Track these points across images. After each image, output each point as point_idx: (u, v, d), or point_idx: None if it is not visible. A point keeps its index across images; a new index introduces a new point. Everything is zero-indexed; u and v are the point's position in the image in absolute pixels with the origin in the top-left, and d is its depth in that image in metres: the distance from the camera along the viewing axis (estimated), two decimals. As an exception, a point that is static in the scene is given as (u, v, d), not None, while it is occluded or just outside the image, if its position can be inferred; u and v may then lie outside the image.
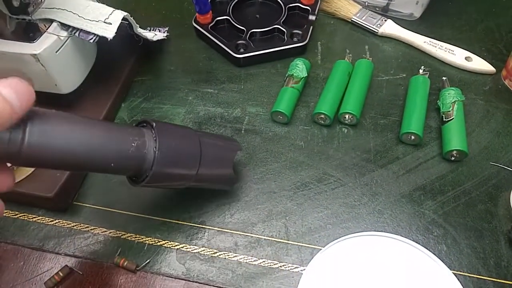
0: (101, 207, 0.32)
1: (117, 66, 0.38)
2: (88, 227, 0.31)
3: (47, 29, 0.31)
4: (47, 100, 0.35)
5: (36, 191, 0.30)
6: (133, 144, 0.21)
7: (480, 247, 0.29)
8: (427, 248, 0.28)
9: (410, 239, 0.29)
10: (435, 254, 0.28)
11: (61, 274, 0.28)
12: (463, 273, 0.28)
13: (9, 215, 0.32)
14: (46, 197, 0.30)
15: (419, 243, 0.28)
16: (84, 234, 0.31)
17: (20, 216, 0.32)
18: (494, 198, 0.31)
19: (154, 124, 0.23)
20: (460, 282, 0.26)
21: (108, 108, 0.36)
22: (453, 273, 0.27)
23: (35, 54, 0.29)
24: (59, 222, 0.31)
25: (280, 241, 0.30)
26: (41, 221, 0.31)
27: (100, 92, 0.36)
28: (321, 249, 0.29)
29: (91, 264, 0.29)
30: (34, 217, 0.32)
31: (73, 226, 0.31)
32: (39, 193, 0.30)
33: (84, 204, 0.32)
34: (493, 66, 0.39)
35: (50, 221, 0.31)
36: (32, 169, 0.31)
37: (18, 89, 0.16)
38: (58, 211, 0.32)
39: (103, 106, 0.36)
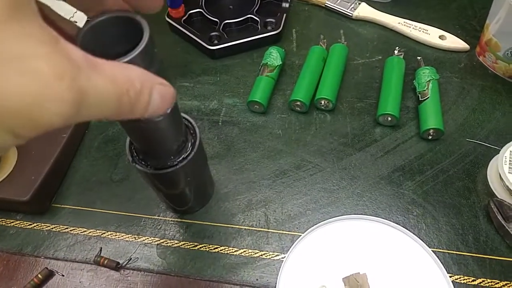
0: (80, 207, 0.31)
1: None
2: (67, 228, 0.30)
3: None
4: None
5: (11, 196, 0.29)
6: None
7: (459, 224, 0.28)
8: (407, 228, 0.27)
9: (391, 221, 0.28)
10: (415, 234, 0.27)
11: (40, 276, 0.27)
12: (443, 250, 0.27)
13: (-14, 221, 0.30)
14: (21, 201, 0.28)
15: (399, 224, 0.28)
16: (63, 235, 0.29)
17: (-3, 222, 0.30)
18: (471, 175, 0.30)
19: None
20: (440, 259, 0.25)
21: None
22: (433, 250, 0.26)
23: None
24: (37, 225, 0.30)
25: (261, 230, 0.29)
26: (19, 225, 0.30)
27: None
28: (301, 236, 0.28)
29: (72, 265, 0.28)
30: (12, 222, 0.30)
31: (52, 228, 0.30)
32: (14, 197, 0.28)
33: (63, 206, 0.31)
34: (467, 43, 0.37)
35: (29, 225, 0.30)
36: (6, 174, 0.30)
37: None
38: (36, 214, 0.30)
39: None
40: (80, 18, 0.20)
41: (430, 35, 0.38)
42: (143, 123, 0.19)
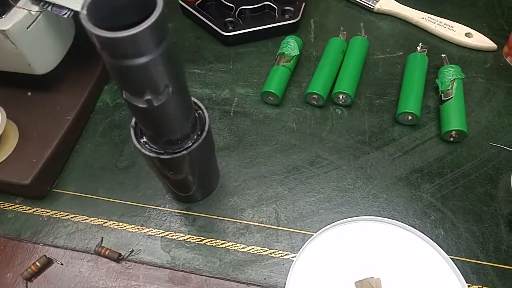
0: (82, 194, 0.29)
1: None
2: (68, 215, 0.28)
3: (16, 4, 0.27)
4: (22, 81, 0.31)
5: (11, 178, 0.27)
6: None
7: (479, 231, 0.26)
8: (424, 233, 0.25)
9: (407, 224, 0.26)
10: (432, 239, 0.25)
11: (38, 264, 0.25)
12: (461, 258, 0.25)
13: (-16, 203, 0.29)
14: (22, 184, 0.26)
15: (416, 228, 0.26)
16: (64, 222, 0.28)
17: (-4, 205, 0.29)
18: (494, 180, 0.28)
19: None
20: (458, 268, 0.24)
21: (89, 90, 0.32)
22: (451, 258, 0.24)
23: (4, 30, 0.25)
24: (37, 210, 0.28)
25: (270, 227, 0.27)
26: (18, 210, 0.28)
27: (81, 73, 0.33)
28: (313, 235, 0.26)
29: (72, 254, 0.27)
30: (11, 205, 0.28)
31: (52, 214, 0.28)
32: (14, 180, 0.27)
33: (64, 191, 0.29)
34: (494, 43, 0.35)
35: (28, 209, 0.28)
36: (7, 155, 0.28)
37: None
38: (36, 199, 0.29)
39: (84, 88, 0.32)
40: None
41: (456, 32, 0.36)
42: (151, 105, 0.17)
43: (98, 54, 0.16)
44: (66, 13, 0.26)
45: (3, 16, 0.26)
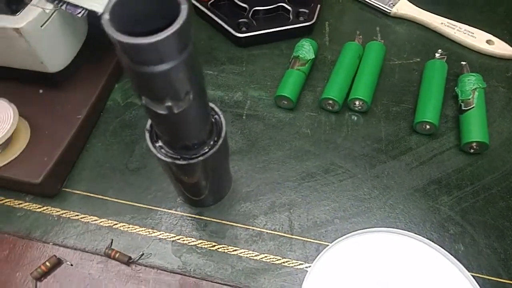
0: (92, 194, 0.28)
1: (110, 45, 0.33)
2: (78, 215, 0.28)
3: (30, 1, 0.26)
4: (34, 79, 0.31)
5: (22, 177, 0.26)
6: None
7: (501, 248, 0.25)
8: (442, 247, 0.24)
9: (424, 237, 0.25)
10: (451, 254, 0.24)
11: (48, 264, 0.25)
12: (482, 275, 0.24)
13: (-7, 201, 0.28)
14: (33, 182, 0.26)
15: (433, 242, 0.25)
16: (73, 222, 0.27)
17: (5, 202, 0.28)
18: (515, 194, 0.27)
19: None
20: (480, 285, 0.23)
21: (100, 88, 0.31)
22: (471, 274, 0.23)
23: (18, 28, 0.25)
24: (47, 209, 0.28)
25: (284, 235, 0.26)
26: (28, 208, 0.28)
27: (92, 72, 0.32)
28: (328, 245, 0.25)
29: (81, 255, 0.26)
30: (21, 203, 0.28)
31: (62, 214, 0.28)
32: (25, 179, 0.26)
33: (74, 191, 0.29)
34: (517, 51, 0.34)
35: (38, 208, 0.28)
36: (18, 152, 0.27)
37: None
38: (46, 198, 0.28)
39: (95, 86, 0.31)
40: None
41: (477, 38, 0.35)
42: (172, 112, 0.16)
43: (109, 52, 0.15)
44: (80, 12, 0.26)
45: (17, 14, 0.25)
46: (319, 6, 0.36)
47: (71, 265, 0.26)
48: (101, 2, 0.26)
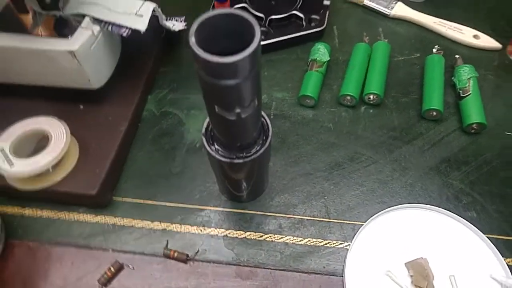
0: (141, 201, 0.30)
1: (141, 59, 0.34)
2: (131, 221, 0.29)
3: (80, 25, 0.27)
4: (74, 96, 0.32)
5: (78, 190, 0.27)
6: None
7: (507, 211, 0.29)
8: (459, 216, 0.28)
9: (442, 208, 0.29)
10: (467, 220, 0.28)
11: (112, 269, 0.26)
12: (494, 236, 0.28)
13: (50, 215, 0.29)
14: (89, 194, 0.27)
15: (450, 211, 0.29)
16: (128, 228, 0.29)
17: (60, 217, 0.29)
18: (512, 165, 0.31)
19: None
20: (493, 244, 0.27)
21: (137, 100, 0.33)
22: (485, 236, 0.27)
23: (72, 51, 0.26)
24: (102, 218, 0.29)
25: (322, 220, 0.29)
26: (83, 219, 0.29)
27: (127, 86, 0.33)
28: (362, 225, 0.28)
29: (141, 258, 0.28)
30: (76, 216, 0.29)
31: (116, 222, 0.29)
32: (81, 191, 0.27)
33: (124, 199, 0.30)
34: (498, 43, 0.39)
35: (92, 218, 0.29)
36: (71, 167, 0.28)
37: None
38: (98, 208, 0.29)
39: (132, 99, 0.33)
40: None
41: (465, 34, 0.39)
42: (239, 117, 0.19)
43: (142, 66, 0.17)
44: (125, 31, 0.27)
45: (70, 37, 0.26)
46: (327, 12, 0.39)
47: (133, 268, 0.27)
48: (142, 20, 0.28)
